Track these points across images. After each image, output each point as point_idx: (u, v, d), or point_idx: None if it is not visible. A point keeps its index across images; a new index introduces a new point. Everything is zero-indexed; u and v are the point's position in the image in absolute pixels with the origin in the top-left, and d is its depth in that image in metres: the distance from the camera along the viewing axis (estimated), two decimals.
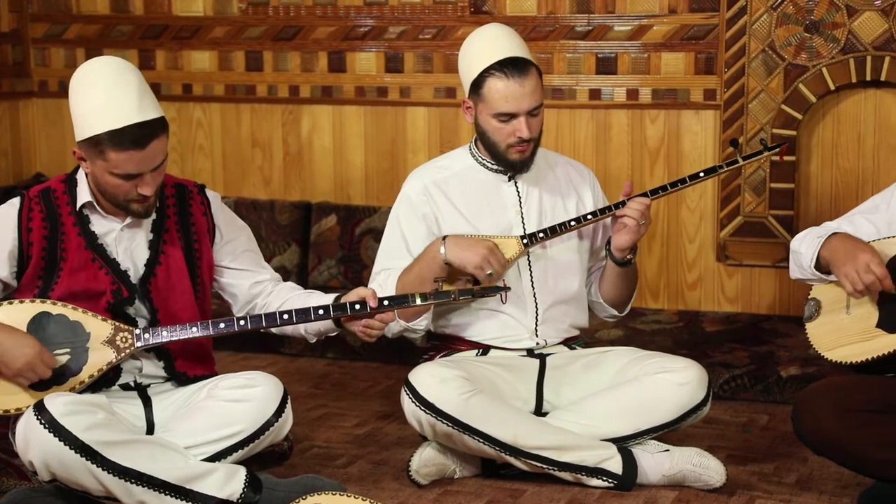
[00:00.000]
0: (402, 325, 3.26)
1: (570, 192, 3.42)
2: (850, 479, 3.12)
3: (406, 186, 3.39)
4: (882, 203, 3.08)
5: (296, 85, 5.15)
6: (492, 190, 3.35)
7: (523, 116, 3.20)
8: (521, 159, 3.26)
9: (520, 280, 3.31)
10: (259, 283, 3.16)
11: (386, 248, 3.37)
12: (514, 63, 3.20)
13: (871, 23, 4.30)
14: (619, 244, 3.27)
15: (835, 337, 2.99)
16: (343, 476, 3.27)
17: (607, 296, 3.42)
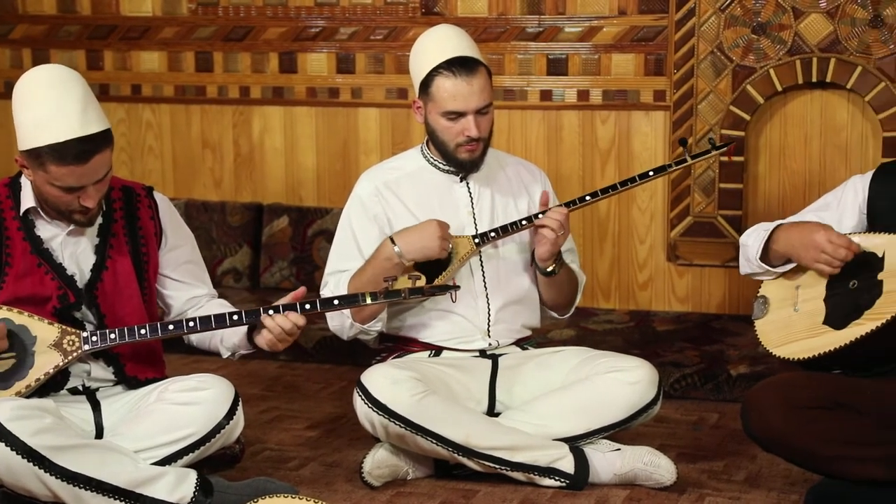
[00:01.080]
0: (356, 327, 3.25)
1: (521, 192, 3.43)
2: (799, 475, 3.15)
3: (357, 188, 3.38)
4: (833, 200, 3.12)
5: (246, 86, 5.12)
6: (444, 190, 3.35)
7: (471, 115, 3.21)
8: (471, 159, 3.27)
9: (472, 280, 3.31)
10: (195, 298, 3.15)
11: (337, 250, 3.36)
12: (462, 62, 3.21)
13: (817, 25, 4.35)
14: (539, 254, 3.29)
15: (783, 334, 3.02)
16: (295, 478, 3.26)
17: (545, 299, 3.44)
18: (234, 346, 3.07)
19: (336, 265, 3.32)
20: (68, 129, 2.73)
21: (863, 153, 4.43)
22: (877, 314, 2.83)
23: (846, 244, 2.89)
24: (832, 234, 2.91)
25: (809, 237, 2.94)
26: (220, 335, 3.09)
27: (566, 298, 3.44)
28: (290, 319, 2.91)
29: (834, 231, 2.92)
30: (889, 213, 2.98)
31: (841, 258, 2.89)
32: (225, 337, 3.08)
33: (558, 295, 3.41)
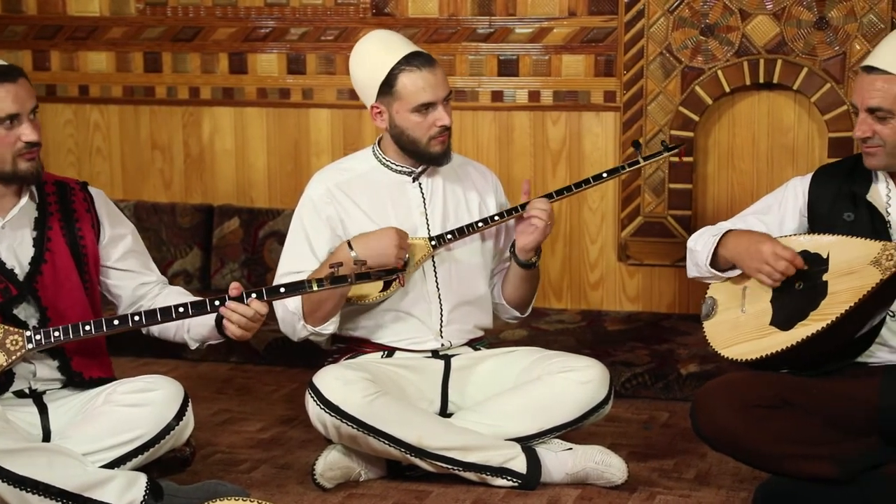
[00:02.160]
0: (308, 329, 3.24)
1: (472, 193, 3.43)
2: (748, 473, 3.18)
3: (309, 189, 3.37)
4: (774, 203, 3.15)
5: (196, 86, 5.09)
6: (396, 191, 3.35)
7: (441, 105, 3.22)
8: (443, 150, 3.27)
9: (425, 282, 3.31)
10: (145, 286, 3.14)
11: (290, 252, 3.34)
12: (417, 56, 3.24)
13: (764, 26, 4.40)
14: (524, 245, 3.30)
15: (731, 335, 3.04)
16: (246, 481, 3.24)
17: (510, 297, 3.45)
18: (203, 337, 3.07)
19: (289, 266, 3.31)
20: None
21: (809, 153, 4.49)
22: (822, 315, 2.86)
23: (789, 258, 2.92)
24: (778, 246, 2.94)
25: (756, 247, 2.97)
26: (187, 326, 3.08)
27: (532, 293, 3.46)
28: (253, 307, 2.90)
29: (780, 244, 2.96)
30: (829, 214, 3.02)
31: (781, 271, 2.93)
32: (192, 328, 3.07)
33: (529, 289, 3.43)
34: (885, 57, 2.88)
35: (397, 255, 3.15)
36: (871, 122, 2.87)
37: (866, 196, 2.98)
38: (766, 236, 3.00)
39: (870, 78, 2.87)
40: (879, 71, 2.87)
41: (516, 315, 3.50)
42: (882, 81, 2.86)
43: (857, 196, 2.99)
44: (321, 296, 3.12)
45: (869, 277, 2.82)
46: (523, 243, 3.30)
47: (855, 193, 3.00)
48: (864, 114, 2.87)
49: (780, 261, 2.92)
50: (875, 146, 2.89)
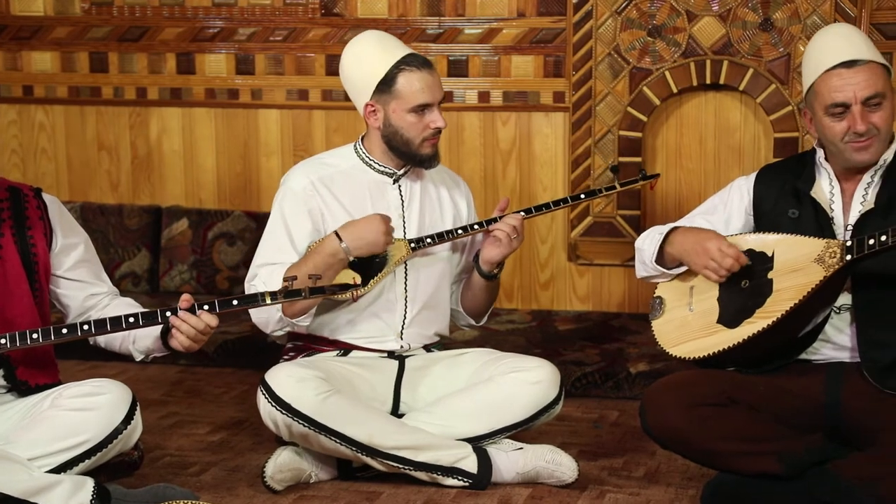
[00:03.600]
0: (285, 321, 3.21)
1: (447, 200, 3.44)
2: (696, 471, 3.21)
3: (291, 181, 3.33)
4: (720, 203, 3.19)
5: (143, 87, 5.05)
6: (376, 191, 3.34)
7: (436, 107, 3.23)
8: (434, 152, 3.28)
9: (394, 283, 3.31)
10: (94, 296, 3.10)
11: (269, 242, 3.29)
12: (416, 57, 3.25)
13: (710, 28, 4.45)
14: (488, 257, 3.31)
15: (679, 333, 3.07)
16: (196, 484, 3.22)
17: (468, 306, 3.46)
18: (148, 350, 3.04)
19: (267, 257, 3.27)
20: None
21: (755, 154, 4.54)
22: (767, 313, 2.89)
23: (734, 255, 2.95)
24: (723, 243, 2.97)
25: (702, 244, 3.00)
26: (132, 338, 3.04)
27: (490, 304, 3.48)
28: (204, 319, 2.88)
29: (726, 241, 2.98)
30: (774, 212, 3.06)
31: (727, 267, 2.95)
32: (137, 339, 3.04)
33: (487, 299, 3.45)
34: (858, 48, 2.91)
35: (385, 241, 3.16)
36: (866, 113, 2.89)
37: (810, 192, 3.01)
38: (712, 233, 3.03)
39: (853, 71, 2.89)
40: (861, 62, 2.90)
41: (471, 323, 3.52)
42: (867, 70, 2.88)
43: (802, 193, 3.02)
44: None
45: (813, 275, 2.85)
46: (489, 255, 3.31)
47: (799, 190, 3.03)
48: (859, 107, 2.88)
49: (726, 258, 2.95)
50: (870, 138, 2.90)
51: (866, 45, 2.95)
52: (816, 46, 3.00)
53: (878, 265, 2.87)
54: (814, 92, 2.96)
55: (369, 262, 3.21)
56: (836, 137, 2.92)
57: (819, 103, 2.94)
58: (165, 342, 2.96)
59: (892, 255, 2.82)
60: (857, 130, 2.87)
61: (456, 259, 3.45)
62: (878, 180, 2.97)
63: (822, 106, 2.93)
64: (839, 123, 2.90)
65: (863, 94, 2.87)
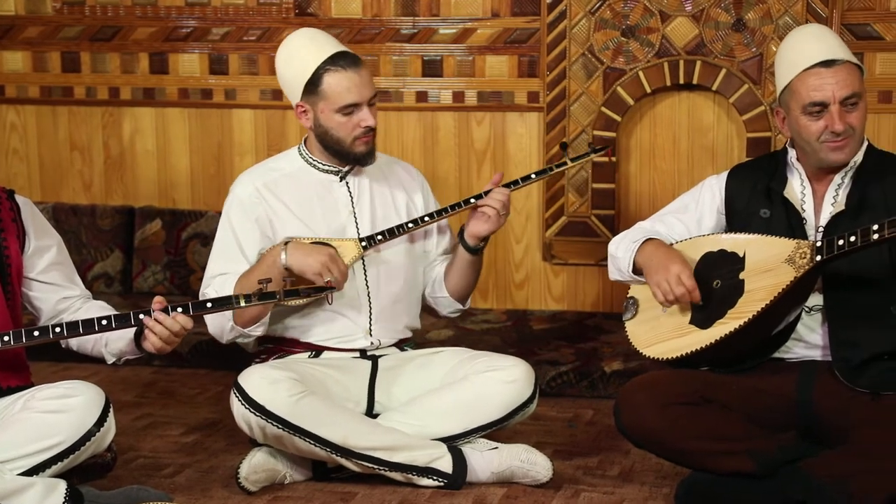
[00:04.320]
0: (237, 330, 3.21)
1: (400, 192, 3.44)
2: (670, 469, 3.22)
3: (237, 189, 3.34)
4: (691, 202, 3.20)
5: (116, 87, 5.02)
6: (323, 191, 3.34)
7: (366, 105, 3.22)
8: (368, 150, 3.27)
9: (354, 282, 3.30)
10: (67, 299, 3.08)
11: (219, 252, 3.30)
12: (344, 56, 3.23)
13: (683, 28, 4.47)
14: (476, 231, 3.32)
15: (652, 334, 3.08)
16: (170, 486, 3.21)
17: (454, 288, 3.44)
18: (121, 352, 3.02)
19: (218, 268, 3.27)
20: None
21: (728, 153, 4.56)
22: (739, 313, 2.91)
23: (690, 288, 2.95)
24: (686, 273, 2.97)
25: (666, 264, 3.00)
26: (105, 340, 3.03)
27: (474, 283, 3.47)
28: (178, 321, 2.86)
29: (688, 273, 2.98)
30: (746, 211, 3.07)
31: (676, 294, 2.96)
32: (110, 342, 3.02)
33: (472, 277, 3.43)
34: (833, 49, 2.93)
35: (318, 272, 3.13)
36: (843, 113, 2.91)
37: (783, 192, 3.03)
38: (681, 258, 3.02)
39: (832, 70, 2.90)
40: (839, 62, 2.91)
41: (458, 307, 3.50)
42: (845, 70, 2.90)
43: (774, 192, 3.04)
44: None
45: (784, 276, 2.87)
46: (477, 230, 3.32)
47: (771, 190, 3.05)
48: (837, 106, 2.89)
49: (679, 286, 2.96)
50: (846, 138, 2.91)
51: (840, 45, 2.97)
52: (791, 46, 3.01)
53: (849, 265, 2.89)
54: (790, 91, 2.97)
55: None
56: (812, 137, 2.93)
57: (796, 102, 2.95)
58: (138, 344, 2.95)
59: (861, 256, 2.84)
60: (834, 130, 2.89)
61: (417, 249, 3.44)
62: (848, 182, 2.98)
63: (799, 105, 2.94)
64: (816, 123, 2.92)
65: (841, 94, 2.89)
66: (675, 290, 2.97)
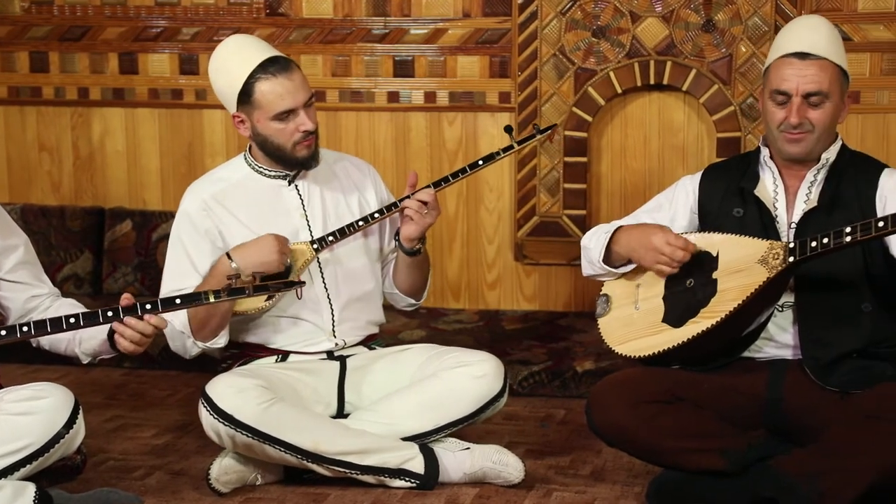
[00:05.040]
0: (199, 346, 3.20)
1: (352, 189, 3.42)
2: (642, 468, 3.23)
3: (184, 203, 3.31)
4: (665, 202, 3.21)
5: (85, 87, 4.99)
6: (273, 197, 3.31)
7: (302, 109, 3.19)
8: (310, 153, 3.25)
9: (312, 284, 3.29)
10: (36, 298, 3.07)
11: (171, 269, 3.28)
12: (274, 62, 3.19)
13: (654, 29, 4.48)
14: (406, 234, 3.31)
15: (624, 332, 3.09)
16: (140, 488, 3.19)
17: (402, 285, 3.45)
18: (94, 351, 3.01)
19: (172, 285, 3.24)
20: None
21: (699, 153, 4.58)
22: (712, 312, 2.92)
23: (683, 245, 2.97)
24: (670, 235, 3.00)
25: (648, 240, 3.02)
26: (78, 340, 3.01)
27: (424, 279, 3.46)
28: (152, 323, 2.85)
29: (671, 233, 3.01)
30: (719, 211, 3.09)
31: (679, 259, 2.98)
32: (83, 342, 3.01)
33: (418, 276, 3.43)
34: (815, 43, 2.94)
35: (279, 259, 3.13)
36: (804, 107, 2.93)
37: (754, 191, 3.04)
38: (656, 227, 3.04)
39: (804, 63, 2.92)
40: (813, 56, 2.93)
41: (411, 302, 3.50)
42: (817, 67, 2.92)
43: (746, 192, 3.06)
44: (207, 312, 3.10)
45: (756, 276, 2.88)
46: (405, 232, 3.30)
47: (743, 189, 3.06)
48: (799, 99, 2.91)
49: (676, 251, 2.97)
50: (804, 132, 2.93)
51: (830, 42, 2.97)
52: (785, 30, 3.06)
53: (820, 265, 2.91)
54: (766, 73, 3.02)
55: (272, 275, 3.18)
56: (773, 124, 2.98)
57: (767, 86, 3.00)
58: (112, 344, 2.93)
59: (833, 256, 2.85)
60: (790, 121, 2.92)
61: (374, 244, 3.43)
62: (821, 179, 3.01)
63: (768, 89, 2.99)
64: (779, 111, 2.95)
65: (805, 89, 2.91)
66: (675, 255, 2.97)
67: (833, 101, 2.95)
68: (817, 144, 2.97)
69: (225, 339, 3.24)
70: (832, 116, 2.96)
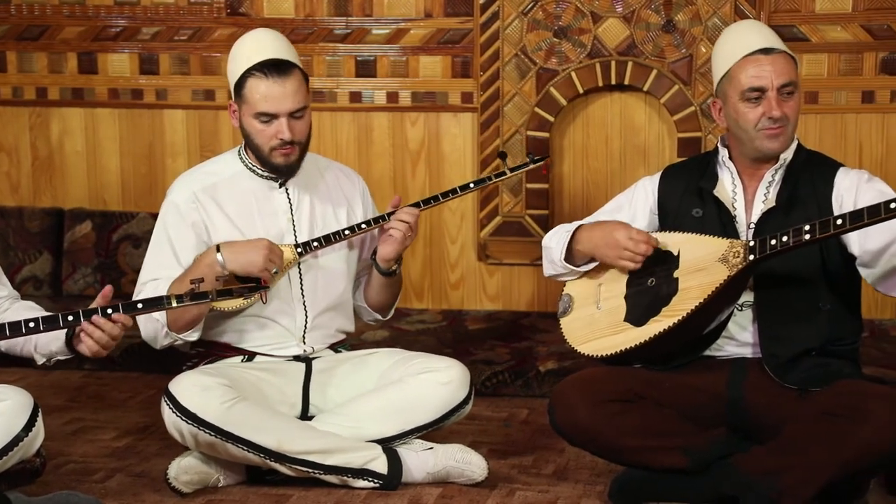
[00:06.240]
0: (171, 336, 3.18)
1: (340, 199, 3.41)
2: (604, 466, 3.25)
3: (172, 194, 3.29)
4: (625, 202, 3.22)
5: (43, 87, 4.94)
6: (262, 197, 3.30)
7: (284, 118, 3.17)
8: (286, 163, 3.23)
9: (290, 288, 3.28)
10: None
11: (153, 257, 3.26)
12: (275, 64, 3.18)
13: (615, 29, 4.51)
14: (384, 254, 3.29)
15: (587, 331, 3.10)
16: (100, 491, 3.16)
17: (372, 302, 3.45)
18: (51, 353, 2.97)
19: (152, 273, 3.22)
20: None
21: (660, 153, 4.61)
22: (673, 311, 2.93)
23: (645, 239, 2.99)
24: (631, 231, 3.01)
25: (611, 236, 3.03)
26: (35, 341, 2.97)
27: (394, 298, 3.46)
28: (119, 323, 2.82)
29: (633, 228, 3.03)
30: (678, 211, 3.10)
31: (642, 252, 2.99)
32: (40, 344, 2.97)
33: (390, 295, 3.43)
34: (772, 39, 2.98)
35: (265, 266, 3.11)
36: (781, 101, 2.95)
37: (713, 191, 3.06)
38: (617, 223, 3.06)
39: (771, 58, 2.94)
40: (777, 50, 2.96)
41: (377, 318, 3.51)
42: (783, 59, 2.95)
43: (705, 192, 3.07)
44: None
45: (717, 274, 2.90)
46: (383, 252, 3.29)
47: (702, 189, 3.08)
48: (775, 92, 2.93)
49: (639, 244, 2.98)
50: (782, 126, 2.95)
51: (777, 38, 3.03)
52: (728, 38, 3.06)
53: (779, 264, 2.93)
54: (729, 78, 3.00)
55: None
56: (749, 124, 2.97)
57: (734, 89, 2.98)
58: (70, 346, 2.90)
59: (792, 254, 2.88)
60: (772, 115, 2.93)
61: (354, 257, 3.42)
62: (778, 179, 3.03)
63: (737, 91, 2.97)
64: (754, 109, 2.95)
65: (779, 81, 2.94)
66: (638, 249, 2.98)
67: (799, 92, 2.99)
68: (791, 137, 3.00)
69: (198, 334, 3.21)
70: (799, 110, 3.00)
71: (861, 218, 2.71)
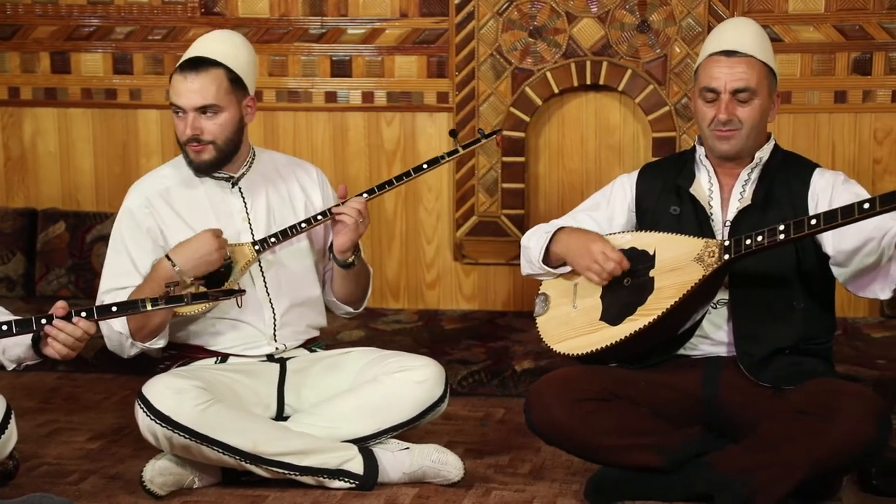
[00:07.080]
0: (137, 346, 3.16)
1: (297, 192, 3.40)
2: (580, 465, 3.25)
3: (127, 201, 3.27)
4: (602, 200, 3.23)
5: (16, 86, 4.91)
6: (216, 198, 3.28)
7: (191, 113, 3.15)
8: (196, 160, 3.20)
9: (254, 287, 3.27)
10: None
11: (111, 267, 3.24)
12: (193, 61, 3.17)
13: (589, 29, 4.52)
14: (338, 245, 3.26)
15: (563, 330, 3.11)
16: (74, 493, 3.14)
17: (339, 295, 3.43)
18: (19, 358, 2.95)
19: (111, 283, 3.21)
20: None
21: (635, 153, 4.63)
22: (649, 310, 2.95)
23: (617, 259, 3.00)
24: (607, 247, 3.02)
25: (587, 246, 3.04)
26: (1, 347, 2.95)
27: (362, 290, 3.44)
28: (80, 327, 2.81)
29: (609, 244, 3.03)
30: (656, 209, 3.12)
31: (609, 271, 3.00)
32: (7, 348, 2.94)
33: (355, 287, 3.41)
34: (741, 42, 2.98)
35: (219, 255, 3.11)
36: (733, 104, 2.96)
37: (690, 189, 3.08)
38: (596, 236, 3.07)
39: (731, 61, 2.96)
40: (740, 54, 2.97)
41: (349, 311, 3.48)
42: (745, 64, 2.96)
43: (682, 190, 3.09)
44: (145, 316, 3.05)
45: (692, 273, 2.91)
46: (338, 243, 3.27)
47: (679, 187, 3.10)
48: (728, 96, 2.95)
49: (609, 261, 3.00)
50: (733, 129, 2.97)
51: (757, 41, 3.01)
52: (713, 33, 3.11)
53: (754, 263, 2.95)
54: (697, 73, 3.06)
55: (214, 274, 3.15)
56: (704, 122, 3.02)
57: (697, 85, 3.04)
58: (38, 350, 2.88)
59: (767, 254, 2.90)
60: (718, 118, 2.96)
61: (317, 250, 3.40)
62: (754, 178, 3.05)
63: (698, 88, 3.03)
64: (709, 109, 3.00)
65: (732, 85, 2.96)
66: (606, 266, 2.99)
67: (761, 98, 2.99)
68: (747, 142, 3.01)
69: (164, 341, 3.20)
70: (761, 114, 3.00)
71: (835, 218, 2.73)
